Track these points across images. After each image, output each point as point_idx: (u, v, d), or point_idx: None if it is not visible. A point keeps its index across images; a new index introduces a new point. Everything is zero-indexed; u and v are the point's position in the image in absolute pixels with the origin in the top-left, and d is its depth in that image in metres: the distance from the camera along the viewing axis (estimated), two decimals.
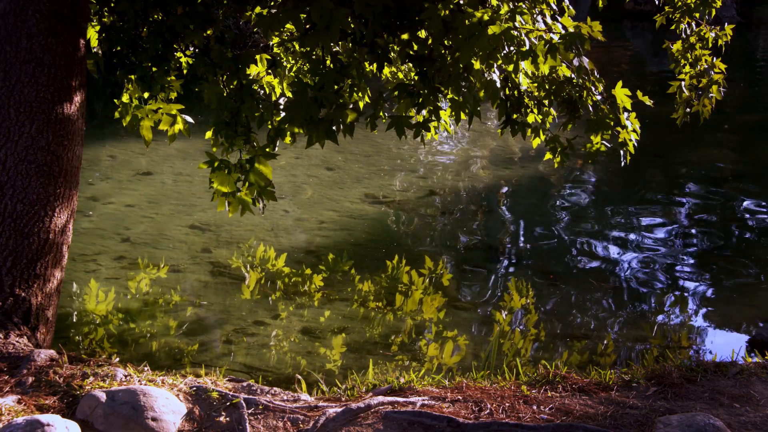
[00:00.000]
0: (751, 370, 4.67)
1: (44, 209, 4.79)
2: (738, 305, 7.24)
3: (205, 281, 7.43)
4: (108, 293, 7.11)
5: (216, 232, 8.48)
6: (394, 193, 9.98)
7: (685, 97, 6.56)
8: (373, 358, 6.10)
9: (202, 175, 9.85)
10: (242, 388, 4.26)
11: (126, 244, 8.12)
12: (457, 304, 7.11)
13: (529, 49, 4.61)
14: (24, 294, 4.70)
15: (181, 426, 3.90)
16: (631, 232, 8.94)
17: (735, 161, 11.90)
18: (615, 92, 5.52)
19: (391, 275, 7.66)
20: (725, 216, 9.49)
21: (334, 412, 3.98)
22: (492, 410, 4.07)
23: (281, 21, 4.65)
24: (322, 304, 7.05)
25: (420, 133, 5.40)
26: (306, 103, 4.81)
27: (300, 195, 9.82)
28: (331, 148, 11.00)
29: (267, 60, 5.98)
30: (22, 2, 4.73)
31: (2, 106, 4.73)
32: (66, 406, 3.96)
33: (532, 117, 5.68)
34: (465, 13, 4.61)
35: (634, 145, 5.55)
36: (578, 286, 7.53)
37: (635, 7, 24.36)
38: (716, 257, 8.31)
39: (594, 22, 4.86)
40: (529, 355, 6.33)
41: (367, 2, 4.60)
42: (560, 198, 10.13)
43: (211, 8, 5.41)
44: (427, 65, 5.12)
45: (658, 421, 3.91)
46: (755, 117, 14.61)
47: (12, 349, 4.46)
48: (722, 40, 6.57)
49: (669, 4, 6.60)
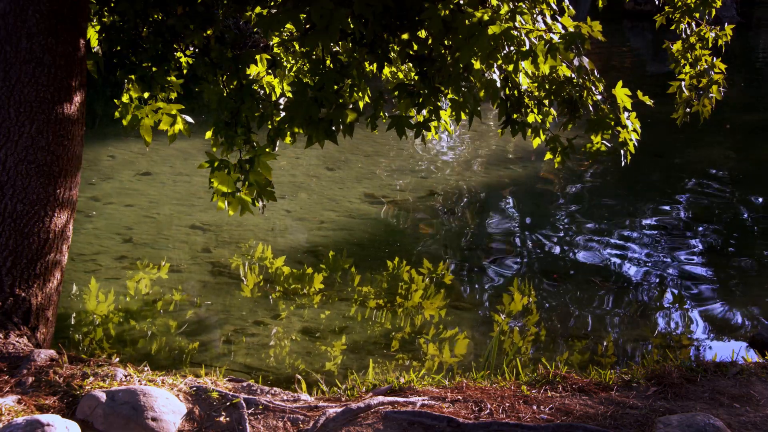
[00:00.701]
0: (751, 370, 4.66)
1: (44, 209, 4.79)
2: (738, 305, 7.24)
3: (205, 281, 7.43)
4: (108, 293, 7.11)
5: (216, 232, 8.48)
6: (394, 193, 9.98)
7: (685, 97, 6.56)
8: (373, 358, 6.11)
9: (202, 175, 9.85)
10: (242, 388, 4.26)
11: (126, 244, 8.12)
12: (457, 304, 7.11)
13: (529, 49, 4.61)
14: (24, 294, 4.70)
15: (181, 426, 3.90)
16: (631, 231, 8.95)
17: (735, 161, 11.90)
18: (615, 92, 5.52)
19: (391, 275, 7.66)
20: (725, 216, 9.49)
21: (334, 412, 3.98)
22: (492, 410, 4.07)
23: (281, 21, 4.65)
24: (322, 304, 7.05)
25: (420, 133, 5.40)
26: (306, 103, 4.81)
27: (300, 195, 9.82)
28: (331, 148, 11.00)
29: (267, 60, 5.98)
30: (22, 2, 4.73)
31: (2, 106, 4.73)
32: (66, 406, 3.96)
33: (532, 117, 5.68)
34: (465, 13, 4.62)
35: (635, 145, 5.55)
36: (578, 286, 7.53)
37: (635, 7, 24.35)
38: (716, 257, 8.31)
39: (594, 22, 4.86)
40: (529, 355, 6.33)
41: (367, 2, 4.60)
42: (560, 198, 10.13)
43: (211, 8, 5.41)
44: (427, 65, 5.12)
45: (658, 421, 3.91)
46: (755, 117, 14.61)
47: (12, 349, 4.46)
48: (722, 40, 6.57)
49: (669, 4, 6.60)
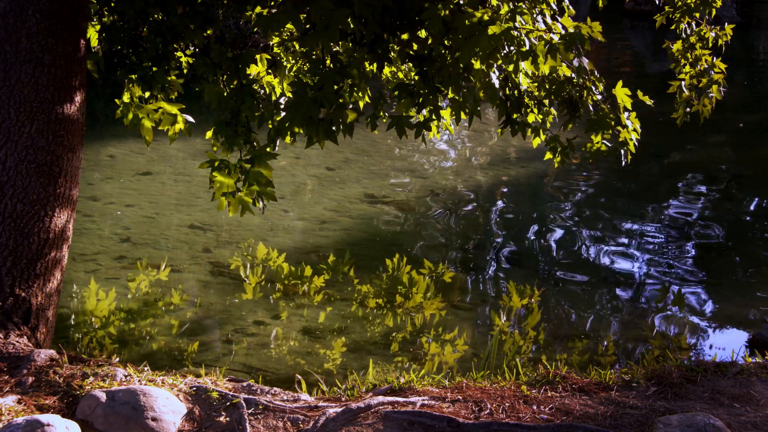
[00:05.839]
0: (751, 370, 4.66)
1: (44, 209, 4.78)
2: (738, 305, 7.24)
3: (205, 281, 7.43)
4: (108, 293, 7.11)
5: (216, 232, 8.48)
6: (394, 193, 9.98)
7: (685, 96, 6.56)
8: (373, 358, 6.10)
9: (202, 175, 9.85)
10: (242, 388, 4.26)
11: (126, 244, 8.12)
12: (457, 304, 7.11)
13: (529, 49, 4.61)
14: (24, 294, 4.70)
15: (181, 426, 3.90)
16: (631, 231, 8.94)
17: (735, 161, 11.90)
18: (615, 92, 5.52)
19: (391, 275, 7.66)
20: (725, 216, 9.49)
21: (334, 412, 3.98)
22: (492, 410, 4.07)
23: (281, 21, 4.65)
24: (322, 304, 7.05)
25: (421, 132, 5.39)
26: (306, 103, 4.80)
27: (300, 195, 9.82)
28: (331, 148, 10.99)
29: (267, 60, 5.98)
30: (22, 2, 4.72)
31: (2, 106, 4.73)
32: (66, 406, 3.95)
33: (532, 117, 5.68)
34: (465, 13, 4.61)
35: (635, 145, 5.55)
36: (578, 286, 7.53)
37: (635, 7, 24.33)
38: (716, 257, 8.31)
39: (594, 23, 4.86)
40: (529, 355, 6.33)
41: (366, 2, 4.59)
42: (560, 198, 10.13)
43: (211, 8, 5.41)
44: (427, 65, 5.12)
45: (658, 421, 3.91)
46: (755, 117, 14.61)
47: (12, 349, 4.46)
48: (722, 40, 6.57)
49: (669, 4, 6.59)
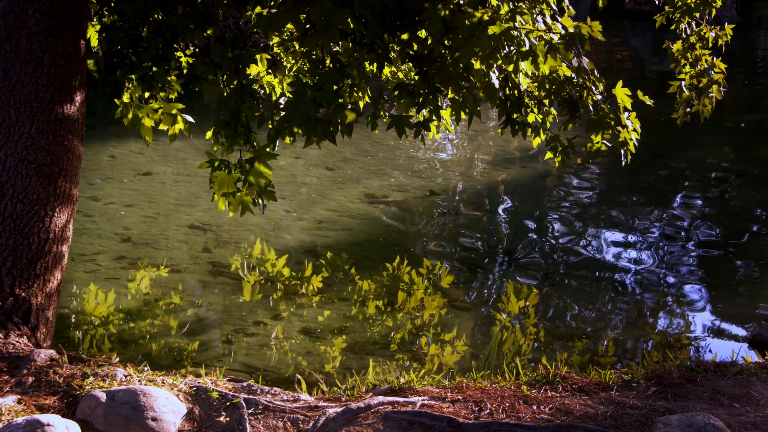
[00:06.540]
0: (751, 370, 4.67)
1: (44, 209, 4.79)
2: (738, 305, 7.24)
3: (205, 281, 7.43)
4: (108, 293, 7.11)
5: (216, 232, 8.48)
6: (394, 193, 9.98)
7: (685, 96, 6.56)
8: (373, 358, 6.10)
9: (202, 175, 9.85)
10: (242, 388, 4.26)
11: (126, 244, 8.12)
12: (457, 304, 7.11)
13: (529, 49, 4.61)
14: (24, 294, 4.70)
15: (181, 426, 3.90)
16: (631, 231, 8.94)
17: (735, 161, 11.90)
18: (615, 92, 5.52)
19: (390, 275, 7.66)
20: (725, 216, 9.49)
21: (334, 412, 3.98)
22: (492, 410, 4.07)
23: (281, 21, 4.65)
24: (322, 304, 7.05)
25: (420, 132, 5.40)
26: (304, 103, 4.81)
27: (300, 195, 9.82)
28: (331, 148, 11.00)
29: (267, 60, 5.98)
30: (22, 2, 4.73)
31: (2, 106, 4.73)
32: (66, 406, 3.96)
33: (532, 117, 5.68)
34: (465, 13, 4.61)
35: (635, 145, 5.55)
36: (578, 286, 7.53)
37: (635, 7, 24.34)
38: (716, 257, 8.31)
39: (594, 22, 4.86)
40: (529, 355, 6.33)
41: (366, 2, 4.59)
42: (560, 198, 10.13)
43: (211, 8, 5.41)
44: (427, 65, 5.12)
45: (658, 421, 3.91)
46: (755, 117, 14.61)
47: (12, 349, 4.46)
48: (722, 40, 6.57)
49: (669, 4, 6.60)
